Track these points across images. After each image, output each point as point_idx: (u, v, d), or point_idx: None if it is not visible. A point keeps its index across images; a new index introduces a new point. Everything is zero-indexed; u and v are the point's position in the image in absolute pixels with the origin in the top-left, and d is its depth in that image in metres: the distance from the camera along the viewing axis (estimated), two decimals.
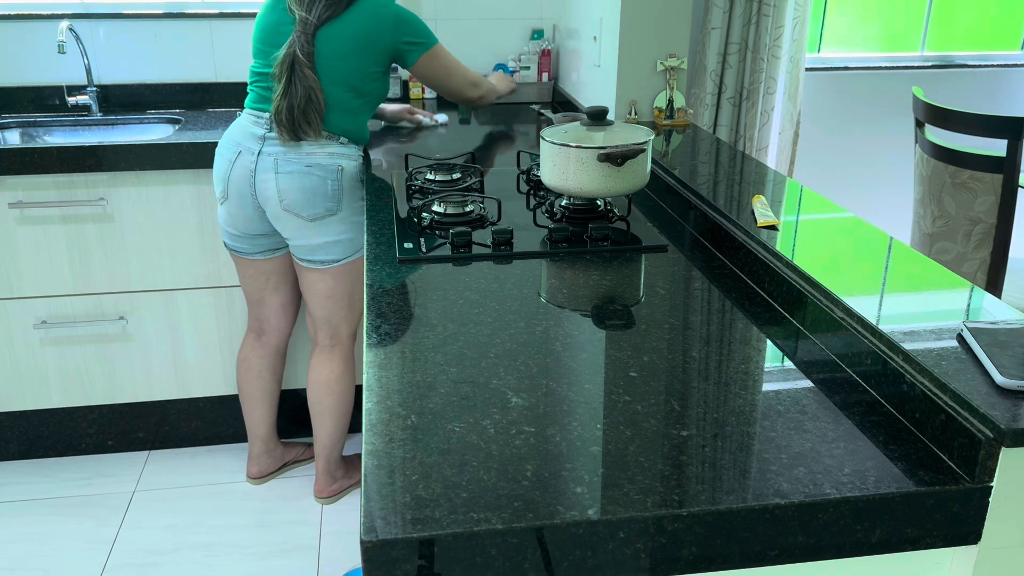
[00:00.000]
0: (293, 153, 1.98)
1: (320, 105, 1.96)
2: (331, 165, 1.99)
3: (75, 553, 2.16)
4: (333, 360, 2.22)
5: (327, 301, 2.14)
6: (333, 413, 2.25)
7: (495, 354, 1.09)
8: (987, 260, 2.25)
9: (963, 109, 2.25)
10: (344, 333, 2.21)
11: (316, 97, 1.95)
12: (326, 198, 2.00)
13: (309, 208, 2.00)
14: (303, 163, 1.98)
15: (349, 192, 2.04)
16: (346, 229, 2.07)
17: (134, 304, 2.40)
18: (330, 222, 2.04)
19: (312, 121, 1.96)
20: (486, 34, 2.89)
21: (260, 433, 2.39)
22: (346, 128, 2.02)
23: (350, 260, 2.11)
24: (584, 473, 0.85)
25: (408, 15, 2.03)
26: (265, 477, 2.43)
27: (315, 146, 1.99)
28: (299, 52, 1.93)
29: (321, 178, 1.99)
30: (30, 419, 2.50)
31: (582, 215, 1.61)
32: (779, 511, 0.81)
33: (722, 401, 0.98)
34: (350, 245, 2.09)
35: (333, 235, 2.06)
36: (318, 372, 2.23)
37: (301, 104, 1.94)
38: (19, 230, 2.28)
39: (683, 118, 2.21)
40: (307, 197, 1.99)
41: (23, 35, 2.63)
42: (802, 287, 1.19)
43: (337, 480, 2.36)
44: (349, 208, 2.05)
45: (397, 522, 0.77)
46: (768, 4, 2.62)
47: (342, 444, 2.33)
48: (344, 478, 2.38)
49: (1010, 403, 0.85)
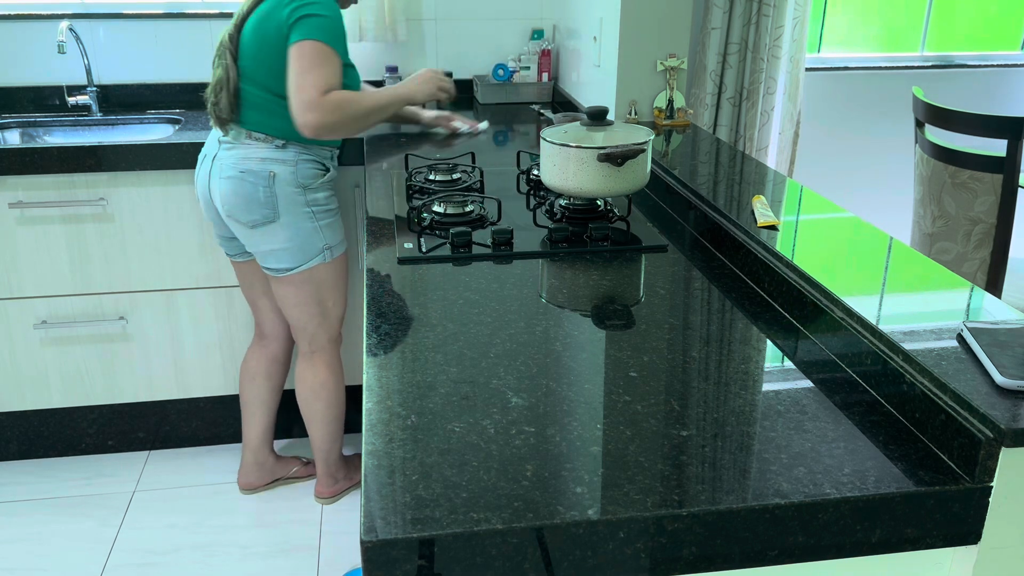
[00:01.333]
0: (232, 159, 1.94)
1: (231, 90, 1.91)
2: (262, 171, 1.92)
3: (75, 553, 2.16)
4: (315, 366, 2.18)
5: (294, 309, 2.09)
6: (323, 418, 2.23)
7: (495, 354, 1.09)
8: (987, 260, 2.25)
9: (963, 109, 2.25)
10: (322, 339, 2.16)
11: (229, 81, 1.90)
12: (260, 204, 1.93)
13: (246, 214, 1.95)
14: (238, 169, 1.93)
15: (288, 199, 1.94)
16: (291, 236, 1.98)
17: (134, 304, 2.40)
18: (272, 229, 1.96)
19: (224, 106, 1.91)
20: (486, 34, 2.89)
21: (251, 442, 2.36)
22: (282, 129, 1.93)
23: (306, 268, 2.02)
24: (584, 473, 0.85)
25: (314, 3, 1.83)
26: (255, 489, 2.41)
27: (251, 150, 1.93)
28: (226, 38, 1.93)
29: (253, 184, 1.92)
30: (30, 419, 2.50)
31: (582, 215, 1.61)
32: (779, 511, 0.81)
33: (722, 401, 0.98)
34: (300, 253, 2.00)
35: (278, 243, 1.98)
36: (303, 379, 2.21)
37: (216, 87, 1.92)
38: (19, 230, 2.28)
39: (683, 118, 2.21)
40: (242, 203, 1.94)
41: (23, 35, 2.63)
42: (802, 287, 1.19)
43: (338, 481, 2.35)
44: (291, 215, 1.96)
45: (397, 522, 0.77)
46: (768, 4, 2.62)
47: (339, 445, 2.31)
48: (345, 479, 2.37)
49: (1010, 403, 0.85)
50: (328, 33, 1.82)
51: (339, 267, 2.10)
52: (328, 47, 1.81)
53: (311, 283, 2.06)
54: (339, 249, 2.08)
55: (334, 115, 1.81)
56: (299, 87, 1.80)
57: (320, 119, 1.79)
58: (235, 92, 1.92)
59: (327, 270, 2.06)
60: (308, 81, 1.79)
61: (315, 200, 1.99)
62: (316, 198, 1.99)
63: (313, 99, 1.78)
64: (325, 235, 2.02)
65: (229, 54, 1.92)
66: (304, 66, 1.80)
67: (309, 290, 2.07)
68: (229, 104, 1.92)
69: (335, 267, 2.08)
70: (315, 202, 1.99)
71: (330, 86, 1.81)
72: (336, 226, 2.06)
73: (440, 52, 2.89)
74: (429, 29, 2.86)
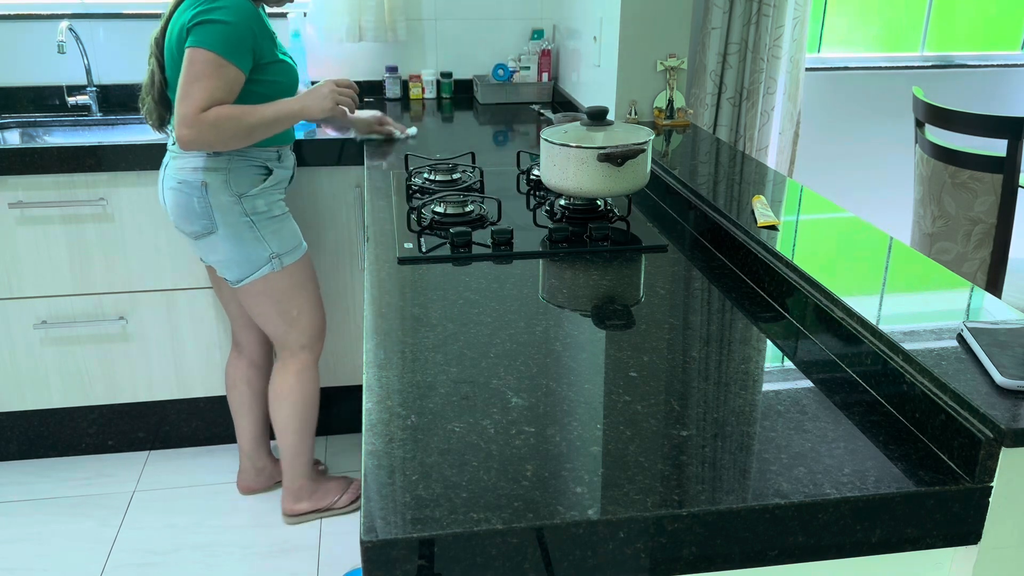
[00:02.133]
0: (172, 168, 1.90)
1: (155, 91, 1.89)
2: (194, 181, 1.86)
3: (75, 553, 2.16)
4: (285, 372, 2.11)
5: (258, 318, 2.04)
6: (286, 427, 2.14)
7: (495, 354, 1.09)
8: (987, 260, 2.25)
9: (963, 109, 2.25)
10: (293, 346, 2.08)
11: (154, 86, 1.89)
12: (197, 215, 1.88)
13: (187, 225, 1.91)
14: (176, 179, 1.89)
15: (224, 209, 1.88)
16: (232, 248, 1.91)
17: (134, 304, 2.40)
18: (212, 241, 1.91)
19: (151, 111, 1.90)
20: (486, 34, 2.89)
21: (244, 447, 2.34)
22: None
23: (257, 278, 1.95)
24: (584, 473, 0.85)
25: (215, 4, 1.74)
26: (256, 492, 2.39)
27: (186, 160, 1.87)
28: (152, 40, 1.90)
29: (187, 195, 1.87)
30: (30, 419, 2.50)
31: (582, 215, 1.61)
32: (779, 511, 0.81)
33: (722, 401, 0.98)
34: (246, 264, 1.93)
35: (221, 254, 1.93)
36: (272, 384, 2.14)
37: (144, 92, 1.91)
38: (19, 230, 2.28)
39: (683, 118, 2.21)
40: (183, 213, 1.90)
41: (23, 35, 2.63)
42: (802, 287, 1.19)
43: (301, 500, 2.24)
44: (228, 226, 1.89)
45: (397, 522, 0.77)
46: (768, 4, 2.62)
47: (304, 459, 2.20)
48: (310, 500, 2.25)
49: (1010, 403, 0.85)
50: (223, 42, 1.73)
51: (296, 274, 2.00)
52: (219, 57, 1.73)
53: (266, 294, 1.98)
54: (292, 256, 1.98)
55: (210, 133, 1.75)
56: (181, 97, 1.74)
57: (194, 136, 1.74)
58: (160, 98, 1.89)
59: (281, 278, 1.98)
60: (190, 93, 1.73)
61: (254, 208, 1.91)
62: (255, 206, 1.91)
63: (189, 114, 1.73)
64: (270, 244, 1.94)
65: (155, 58, 1.88)
66: (190, 76, 1.73)
67: (266, 301, 2.00)
68: (156, 110, 1.89)
69: (291, 274, 1.99)
70: (254, 210, 1.91)
71: (212, 101, 1.74)
72: (284, 232, 1.97)
73: (440, 52, 2.89)
74: (429, 29, 2.86)
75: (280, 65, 1.90)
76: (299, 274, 2.02)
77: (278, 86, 1.89)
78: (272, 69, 1.87)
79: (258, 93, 1.85)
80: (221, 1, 1.75)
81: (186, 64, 1.74)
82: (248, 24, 1.78)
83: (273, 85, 1.88)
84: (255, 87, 1.84)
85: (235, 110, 1.78)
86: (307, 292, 2.05)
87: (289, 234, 1.99)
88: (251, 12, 1.80)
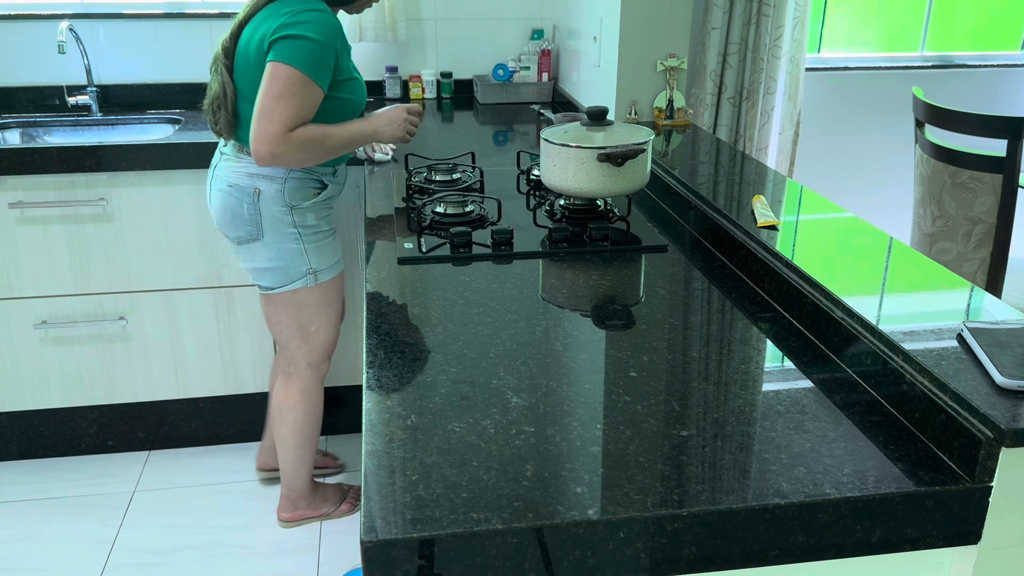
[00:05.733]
0: (224, 172, 1.88)
1: (228, 104, 1.82)
2: (248, 187, 1.84)
3: (75, 553, 2.16)
4: (289, 388, 2.09)
5: (275, 326, 2.03)
6: (286, 442, 2.12)
7: (495, 354, 1.09)
8: (987, 260, 2.25)
9: (963, 109, 2.25)
10: (300, 363, 2.05)
11: (227, 99, 1.82)
12: (244, 221, 1.86)
13: (232, 230, 1.89)
14: (227, 182, 1.86)
15: (273, 218, 1.86)
16: (274, 258, 1.89)
17: (134, 304, 2.40)
18: (255, 248, 1.89)
19: (220, 119, 1.84)
20: (486, 34, 2.89)
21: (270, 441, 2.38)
22: None
23: (288, 289, 1.93)
24: (584, 473, 0.85)
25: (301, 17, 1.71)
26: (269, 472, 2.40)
27: (241, 164, 1.85)
28: (220, 49, 1.83)
29: (238, 199, 1.85)
30: (30, 419, 2.50)
31: (582, 215, 1.61)
32: (779, 511, 0.81)
33: (722, 401, 0.98)
34: (282, 274, 1.92)
35: (261, 262, 1.91)
36: (275, 397, 2.12)
37: (213, 104, 1.85)
38: (19, 230, 2.28)
39: (683, 118, 2.21)
40: (228, 218, 1.88)
41: (23, 35, 2.63)
42: (802, 287, 1.19)
43: (298, 508, 2.24)
44: (275, 234, 1.87)
45: (397, 522, 0.77)
46: (768, 4, 2.62)
47: (304, 472, 2.19)
48: (307, 508, 2.25)
49: (1010, 403, 0.85)
50: (310, 61, 1.70)
51: (326, 292, 1.98)
52: (305, 76, 1.69)
53: (292, 306, 1.97)
54: (327, 274, 1.96)
55: (295, 154, 1.73)
56: (266, 112, 1.69)
57: (279, 154, 1.71)
58: (233, 111, 1.83)
59: (311, 294, 1.96)
60: (276, 110, 1.69)
61: (303, 221, 1.89)
62: (305, 219, 1.89)
63: (276, 133, 1.69)
64: (311, 258, 1.92)
65: (224, 68, 1.82)
66: (274, 92, 1.69)
67: (290, 312, 1.98)
68: (228, 123, 1.84)
69: (321, 292, 1.97)
70: (303, 223, 1.89)
71: (298, 121, 1.71)
72: (326, 249, 1.95)
73: (440, 52, 2.90)
74: (429, 29, 2.86)
75: (353, 83, 1.85)
76: (329, 292, 2.00)
77: (349, 104, 1.85)
78: (347, 87, 1.83)
79: (330, 110, 1.80)
80: (307, 16, 1.71)
81: (268, 79, 1.69)
82: (332, 42, 1.74)
83: (345, 103, 1.83)
84: (328, 103, 1.79)
85: (318, 132, 1.75)
86: (331, 311, 2.03)
87: (330, 251, 1.96)
88: (336, 28, 1.76)
